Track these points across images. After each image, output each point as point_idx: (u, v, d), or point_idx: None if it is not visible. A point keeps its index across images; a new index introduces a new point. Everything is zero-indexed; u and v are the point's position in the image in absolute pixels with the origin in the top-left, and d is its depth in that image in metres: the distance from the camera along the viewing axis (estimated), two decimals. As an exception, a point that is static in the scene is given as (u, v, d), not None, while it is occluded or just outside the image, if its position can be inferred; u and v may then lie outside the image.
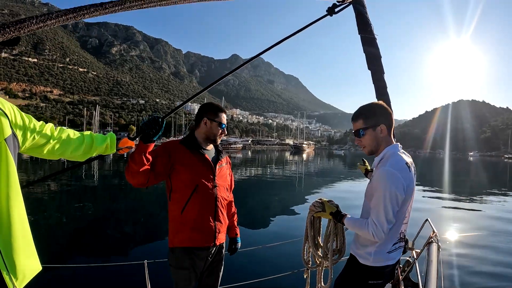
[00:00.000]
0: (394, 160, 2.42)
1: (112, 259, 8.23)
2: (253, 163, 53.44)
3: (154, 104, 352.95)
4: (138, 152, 2.62)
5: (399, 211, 2.43)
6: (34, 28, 0.86)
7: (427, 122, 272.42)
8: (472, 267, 8.15)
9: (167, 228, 2.96)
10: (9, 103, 1.81)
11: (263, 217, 13.36)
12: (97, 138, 2.41)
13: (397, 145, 2.54)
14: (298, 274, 5.10)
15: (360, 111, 2.60)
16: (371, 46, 3.52)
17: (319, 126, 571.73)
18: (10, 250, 1.64)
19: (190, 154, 2.98)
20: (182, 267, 2.90)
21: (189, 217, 2.89)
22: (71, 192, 19.21)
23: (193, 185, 2.90)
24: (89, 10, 0.93)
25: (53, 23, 0.88)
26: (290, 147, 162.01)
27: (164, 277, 4.48)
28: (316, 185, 24.91)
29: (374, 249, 2.53)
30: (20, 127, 1.82)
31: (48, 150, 2.07)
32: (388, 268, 2.59)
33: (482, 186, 28.83)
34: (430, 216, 4.17)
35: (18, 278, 1.68)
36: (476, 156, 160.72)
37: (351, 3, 3.35)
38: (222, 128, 3.13)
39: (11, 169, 1.68)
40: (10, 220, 1.65)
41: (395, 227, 2.47)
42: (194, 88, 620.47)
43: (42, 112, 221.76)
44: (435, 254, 3.10)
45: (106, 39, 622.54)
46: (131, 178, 2.74)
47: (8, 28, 0.81)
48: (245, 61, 3.46)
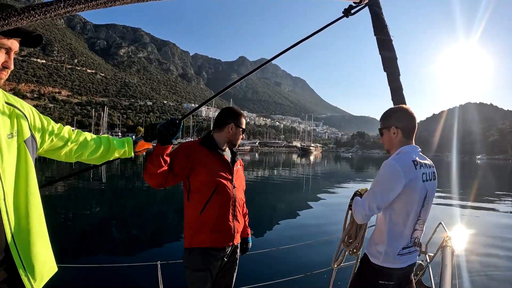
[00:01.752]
0: (400, 156, 2.55)
1: (125, 260, 8.24)
2: (260, 165, 53.37)
3: (162, 106, 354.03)
4: (156, 154, 2.64)
5: (406, 211, 2.52)
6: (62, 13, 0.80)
7: (435, 125, 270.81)
8: (486, 272, 8.05)
9: (180, 229, 2.94)
10: (28, 105, 1.84)
11: (271, 219, 13.34)
12: (115, 142, 2.43)
13: (412, 146, 2.64)
14: (311, 276, 5.12)
15: (383, 113, 2.80)
16: (387, 47, 3.48)
17: (326, 128, 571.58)
18: (28, 251, 1.65)
19: (211, 155, 2.99)
20: (199, 268, 2.87)
21: (208, 217, 2.88)
22: (80, 193, 19.28)
23: (213, 186, 2.90)
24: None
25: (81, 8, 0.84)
26: (297, 149, 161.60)
27: (177, 279, 4.50)
28: (325, 187, 24.85)
29: (384, 248, 2.58)
30: (38, 129, 1.85)
31: (66, 153, 2.10)
32: (400, 271, 2.61)
33: (493, 189, 28.60)
34: (443, 219, 4.15)
35: (36, 280, 1.69)
36: (484, 159, 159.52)
37: (367, 5, 3.32)
38: (242, 134, 3.22)
39: (30, 170, 1.70)
40: (28, 222, 1.67)
41: (404, 229, 2.56)
42: (201, 90, 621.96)
43: (50, 112, 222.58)
44: (449, 258, 3.06)
45: (114, 41, 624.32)
46: (149, 179, 2.76)
47: (33, 11, 0.76)
48: (259, 65, 3.46)
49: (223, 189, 2.95)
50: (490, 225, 13.67)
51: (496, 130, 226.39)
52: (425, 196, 2.57)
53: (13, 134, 1.64)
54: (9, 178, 1.60)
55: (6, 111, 1.66)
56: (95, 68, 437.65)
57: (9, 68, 1.62)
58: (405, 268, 2.64)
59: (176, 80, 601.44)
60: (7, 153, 1.59)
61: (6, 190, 1.57)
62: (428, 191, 2.58)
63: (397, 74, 3.51)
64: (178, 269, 3.03)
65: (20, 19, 0.75)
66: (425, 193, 2.56)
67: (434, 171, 2.66)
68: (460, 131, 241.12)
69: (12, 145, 1.63)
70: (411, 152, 2.58)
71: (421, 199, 2.56)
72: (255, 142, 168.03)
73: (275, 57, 3.07)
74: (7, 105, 1.69)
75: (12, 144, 1.63)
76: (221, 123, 3.14)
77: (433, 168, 2.66)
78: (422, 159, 2.61)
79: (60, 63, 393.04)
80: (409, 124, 2.66)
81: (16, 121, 1.68)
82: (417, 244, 2.66)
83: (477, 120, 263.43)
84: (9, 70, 1.63)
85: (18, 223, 1.62)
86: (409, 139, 2.66)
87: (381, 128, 2.77)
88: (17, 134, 1.67)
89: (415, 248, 2.65)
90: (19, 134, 1.68)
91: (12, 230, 1.59)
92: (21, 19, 0.75)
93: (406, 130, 2.65)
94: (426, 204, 2.60)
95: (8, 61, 1.60)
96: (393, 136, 2.67)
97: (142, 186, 22.57)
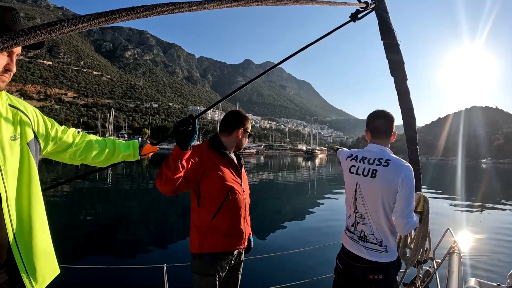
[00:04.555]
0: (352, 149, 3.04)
1: (131, 262, 8.24)
2: (266, 168, 53.28)
3: (167, 108, 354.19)
4: (174, 158, 2.52)
5: (346, 197, 2.90)
6: (66, 32, 0.85)
7: (440, 128, 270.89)
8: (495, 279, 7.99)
9: (185, 232, 2.92)
10: (32, 107, 1.85)
11: (276, 222, 13.29)
12: (120, 145, 2.41)
13: (371, 145, 2.86)
14: (317, 281, 5.10)
15: None
16: (394, 52, 3.51)
17: (331, 132, 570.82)
18: (30, 253, 1.66)
19: (222, 159, 2.96)
20: (209, 273, 2.84)
21: (221, 222, 2.85)
22: (85, 194, 19.30)
23: (225, 191, 2.86)
24: (121, 15, 0.93)
25: (84, 27, 0.89)
26: (303, 152, 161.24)
27: (183, 282, 4.47)
28: (330, 190, 24.77)
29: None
30: (42, 131, 1.85)
31: (70, 155, 2.11)
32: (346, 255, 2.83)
33: (500, 193, 28.44)
34: (449, 224, 4.12)
35: (38, 281, 1.70)
36: (489, 163, 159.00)
37: (374, 9, 3.32)
38: (248, 138, 3.26)
39: (33, 173, 1.71)
40: (31, 223, 1.67)
41: (348, 210, 2.89)
42: (206, 93, 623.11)
43: (56, 114, 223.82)
44: (457, 265, 3.09)
45: (120, 43, 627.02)
46: (163, 185, 2.62)
47: (39, 31, 0.81)
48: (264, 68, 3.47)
49: (235, 193, 2.92)
50: (498, 230, 13.55)
51: (502, 134, 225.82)
52: (355, 189, 2.75)
53: (16, 136, 1.65)
54: (11, 180, 1.60)
55: (9, 114, 1.67)
56: (101, 70, 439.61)
57: (12, 71, 1.62)
58: (349, 253, 2.79)
59: (182, 83, 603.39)
60: (10, 155, 1.60)
61: (8, 191, 1.57)
62: (360, 186, 2.72)
63: (404, 78, 3.55)
64: (184, 272, 3.02)
65: (27, 38, 0.80)
66: (355, 186, 2.75)
67: (376, 169, 2.68)
68: (466, 135, 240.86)
69: (15, 147, 1.64)
70: (365, 148, 2.88)
71: (350, 190, 2.81)
72: (260, 145, 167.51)
73: (283, 61, 3.01)
74: (10, 108, 1.69)
75: (15, 146, 1.64)
76: (230, 127, 3.12)
77: (377, 166, 2.68)
78: (368, 155, 2.79)
79: (66, 65, 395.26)
80: (373, 125, 2.84)
81: (19, 123, 1.69)
82: (363, 238, 2.71)
83: (483, 124, 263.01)
84: (11, 73, 1.63)
85: (20, 225, 1.63)
86: (379, 139, 2.82)
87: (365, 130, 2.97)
88: (20, 137, 1.68)
89: (364, 243, 2.71)
90: (22, 137, 1.69)
91: (14, 231, 1.59)
92: (28, 39, 0.80)
93: (372, 130, 2.85)
94: (359, 197, 2.72)
95: (10, 64, 1.61)
96: (368, 137, 2.89)
97: (146, 188, 22.60)
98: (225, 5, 1.12)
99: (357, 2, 3.14)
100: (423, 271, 3.54)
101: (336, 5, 2.37)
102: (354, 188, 2.74)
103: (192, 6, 1.02)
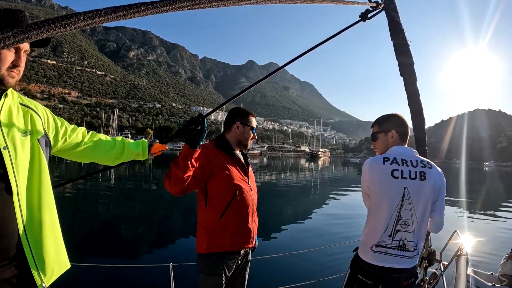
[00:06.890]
0: (378, 156, 2.72)
1: (137, 261, 8.27)
2: (268, 169, 53.29)
3: (171, 109, 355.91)
4: (183, 157, 2.50)
5: (376, 206, 2.61)
6: (82, 25, 0.80)
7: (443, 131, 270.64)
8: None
9: (190, 231, 2.88)
10: (42, 106, 1.91)
11: (281, 223, 13.28)
12: (129, 144, 2.42)
13: (399, 146, 2.70)
14: (324, 282, 5.10)
15: (377, 118, 2.90)
16: (404, 52, 3.46)
17: (334, 133, 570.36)
18: (40, 246, 1.69)
19: (229, 158, 2.94)
20: (216, 273, 2.81)
21: (229, 222, 2.82)
22: (90, 193, 19.31)
23: (233, 190, 2.84)
24: (140, 9, 0.89)
25: (101, 21, 0.84)
26: (306, 154, 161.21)
27: (189, 281, 4.48)
28: (334, 192, 24.76)
29: (363, 237, 2.68)
30: (52, 129, 1.90)
31: (79, 153, 2.14)
32: (378, 272, 2.59)
33: (504, 196, 28.36)
34: (455, 227, 4.11)
35: (46, 274, 1.72)
36: (492, 166, 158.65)
37: (384, 9, 3.27)
38: (253, 133, 3.14)
39: (43, 168, 1.75)
40: (41, 217, 1.71)
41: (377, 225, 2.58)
42: (210, 94, 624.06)
43: (60, 113, 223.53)
44: (464, 267, 3.06)
45: (124, 43, 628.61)
46: (172, 186, 2.61)
47: (53, 24, 0.75)
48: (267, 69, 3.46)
49: (242, 193, 2.89)
50: (504, 232, 13.51)
51: (505, 137, 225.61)
52: (403, 195, 2.51)
53: (27, 132, 1.70)
54: (22, 174, 1.64)
55: (20, 111, 1.73)
56: (104, 70, 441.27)
57: (20, 67, 1.65)
58: (383, 269, 2.57)
59: (185, 83, 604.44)
60: (21, 150, 1.64)
61: (19, 185, 1.61)
62: (409, 190, 2.51)
63: (413, 79, 3.50)
64: (190, 271, 3.00)
65: (40, 32, 0.75)
66: (403, 191, 2.51)
67: (424, 171, 2.56)
68: (469, 138, 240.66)
69: (26, 143, 1.68)
70: (393, 150, 2.67)
71: (396, 197, 2.52)
72: (263, 146, 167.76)
73: (290, 62, 2.98)
74: (21, 106, 1.76)
75: (26, 142, 1.68)
76: (228, 123, 3.11)
77: (423, 168, 2.58)
78: (407, 157, 2.61)
79: (70, 65, 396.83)
80: (406, 130, 2.75)
81: (30, 120, 1.75)
82: (402, 247, 2.55)
83: (486, 127, 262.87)
84: (20, 69, 1.67)
85: (30, 218, 1.66)
86: (404, 144, 2.73)
87: (377, 132, 2.81)
88: (31, 133, 1.73)
89: (403, 253, 2.55)
90: (33, 133, 1.74)
91: (25, 224, 1.63)
92: (41, 33, 0.75)
93: (402, 134, 2.72)
94: (406, 203, 2.52)
95: (18, 60, 1.63)
96: (391, 140, 2.72)
97: (150, 188, 22.66)
98: (244, 2, 1.10)
99: (367, 2, 3.08)
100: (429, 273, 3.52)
101: (348, 4, 2.36)
102: (400, 194, 2.51)
103: (212, 2, 1.00)
